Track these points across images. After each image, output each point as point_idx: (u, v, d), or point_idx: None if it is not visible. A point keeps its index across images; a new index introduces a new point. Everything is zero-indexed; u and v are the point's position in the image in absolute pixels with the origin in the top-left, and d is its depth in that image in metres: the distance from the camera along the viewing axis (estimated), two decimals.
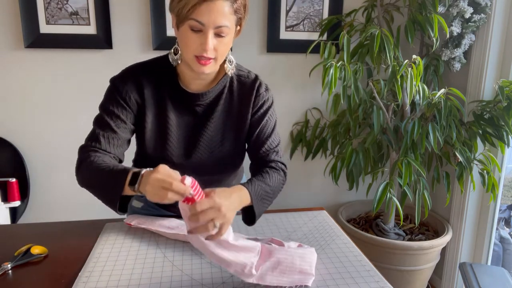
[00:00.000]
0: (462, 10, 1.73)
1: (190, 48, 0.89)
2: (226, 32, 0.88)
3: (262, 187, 0.95)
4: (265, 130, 1.05)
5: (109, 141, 0.97)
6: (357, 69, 1.73)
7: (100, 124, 0.98)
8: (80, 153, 0.98)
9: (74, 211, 2.09)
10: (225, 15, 0.86)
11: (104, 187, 0.88)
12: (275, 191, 1.00)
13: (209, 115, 1.03)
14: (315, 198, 2.35)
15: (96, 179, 0.90)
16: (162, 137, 1.02)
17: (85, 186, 0.94)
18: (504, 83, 1.68)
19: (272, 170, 1.02)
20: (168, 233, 1.04)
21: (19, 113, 1.96)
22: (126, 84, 0.98)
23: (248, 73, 1.07)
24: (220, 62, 0.95)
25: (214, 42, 0.88)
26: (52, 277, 0.88)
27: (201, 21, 0.85)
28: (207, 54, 0.88)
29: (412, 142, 1.71)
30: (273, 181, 0.99)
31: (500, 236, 2.18)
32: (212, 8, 0.84)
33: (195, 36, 0.87)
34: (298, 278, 0.85)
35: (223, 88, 1.03)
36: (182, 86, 1.01)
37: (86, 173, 0.93)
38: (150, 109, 1.00)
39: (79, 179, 0.95)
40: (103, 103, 1.00)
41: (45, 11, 1.85)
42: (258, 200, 0.93)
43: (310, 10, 2.07)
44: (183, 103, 1.01)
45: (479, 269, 1.44)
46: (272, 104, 1.08)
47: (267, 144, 1.04)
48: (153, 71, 1.01)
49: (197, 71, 0.92)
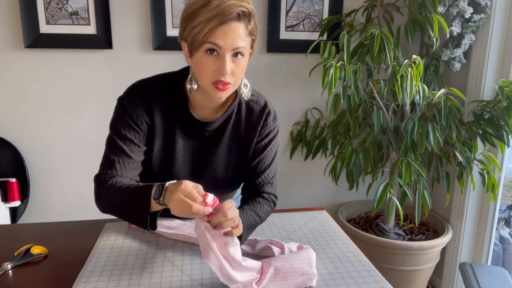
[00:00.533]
0: (462, 10, 1.73)
1: (207, 73, 0.86)
2: (243, 53, 0.87)
3: (253, 216, 0.96)
4: (265, 160, 1.05)
5: (125, 166, 0.96)
6: (357, 69, 1.73)
7: (113, 150, 0.96)
8: (96, 181, 0.96)
9: (74, 211, 2.09)
10: (241, 37, 0.85)
11: (130, 206, 0.87)
12: (262, 221, 1.02)
13: (216, 140, 1.02)
14: (315, 198, 2.35)
15: (120, 200, 0.89)
16: (169, 159, 1.01)
17: (109, 211, 0.93)
18: (504, 83, 1.68)
19: (265, 201, 1.03)
20: (168, 233, 1.04)
21: (19, 113, 1.97)
22: (136, 107, 0.96)
23: (258, 98, 1.04)
24: (236, 87, 0.93)
25: (231, 65, 0.86)
26: (52, 277, 0.88)
27: (218, 44, 0.83)
28: (225, 78, 0.86)
29: (412, 142, 1.71)
30: (263, 212, 1.01)
31: (500, 236, 2.18)
32: (228, 30, 0.83)
33: (211, 61, 0.85)
34: (301, 280, 0.84)
35: (231, 113, 1.02)
36: (191, 111, 0.99)
37: (107, 198, 0.92)
38: (159, 133, 0.99)
39: (101, 205, 0.95)
40: (114, 125, 0.98)
41: (45, 11, 1.85)
42: (246, 229, 0.94)
43: (310, 10, 2.07)
44: (191, 128, 1.01)
45: (479, 269, 1.44)
46: (277, 134, 1.07)
47: (264, 175, 1.05)
48: (162, 93, 0.98)
49: (214, 97, 0.90)
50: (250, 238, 1.00)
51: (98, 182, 0.95)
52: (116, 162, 0.95)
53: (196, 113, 1.00)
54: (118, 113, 0.98)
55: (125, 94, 0.98)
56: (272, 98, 1.10)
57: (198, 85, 0.93)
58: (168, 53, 1.97)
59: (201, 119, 1.00)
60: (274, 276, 0.85)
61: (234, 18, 0.83)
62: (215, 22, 0.81)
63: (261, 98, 1.05)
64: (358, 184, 1.84)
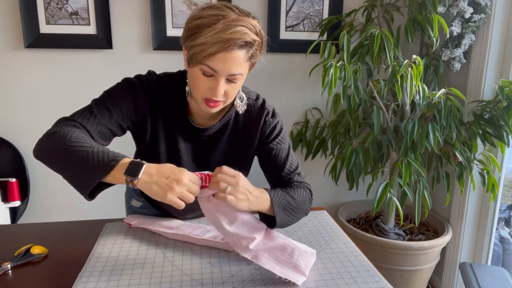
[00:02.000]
0: (462, 10, 1.73)
1: (200, 90, 0.86)
2: (238, 79, 0.86)
3: (285, 196, 0.94)
4: (280, 154, 1.02)
5: (100, 129, 0.90)
6: (357, 69, 1.73)
7: (99, 107, 0.91)
8: (58, 122, 0.89)
9: (74, 211, 2.09)
10: (239, 64, 0.82)
11: (84, 163, 0.78)
12: (300, 206, 0.97)
13: (214, 145, 1.02)
14: (315, 198, 2.35)
15: (75, 154, 0.80)
16: (175, 161, 1.01)
17: (49, 156, 0.84)
18: (504, 83, 1.68)
19: (296, 186, 1.00)
20: (168, 233, 1.04)
21: (19, 113, 1.97)
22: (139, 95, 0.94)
23: (255, 101, 1.03)
24: (228, 103, 0.92)
25: (225, 87, 0.85)
26: (52, 277, 0.88)
27: (215, 69, 0.81)
28: (216, 98, 0.85)
29: (412, 142, 1.71)
30: (297, 195, 0.97)
31: (500, 236, 2.18)
32: (228, 57, 0.80)
33: (205, 80, 0.84)
34: (290, 273, 0.84)
35: (229, 119, 1.01)
36: (190, 116, 0.99)
37: (60, 141, 0.82)
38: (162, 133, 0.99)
39: (44, 145, 0.85)
40: (110, 91, 0.95)
41: (45, 11, 1.85)
42: (279, 208, 0.91)
43: (310, 10, 2.07)
44: (189, 132, 1.00)
45: (479, 269, 1.44)
46: (282, 129, 1.05)
47: (286, 166, 1.02)
48: (168, 94, 0.97)
49: (204, 110, 0.90)
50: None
51: (62, 123, 0.88)
52: (96, 118, 0.89)
53: (194, 118, 1.00)
54: (123, 87, 0.95)
55: (138, 78, 0.96)
56: (272, 98, 1.10)
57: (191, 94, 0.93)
58: (168, 53, 1.97)
59: (198, 124, 1.00)
60: (271, 251, 0.86)
61: (236, 47, 0.80)
62: (216, 48, 0.79)
63: (259, 99, 1.04)
64: (358, 184, 1.84)
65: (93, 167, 0.78)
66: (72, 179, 0.82)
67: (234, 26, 0.79)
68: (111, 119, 0.92)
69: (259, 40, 0.85)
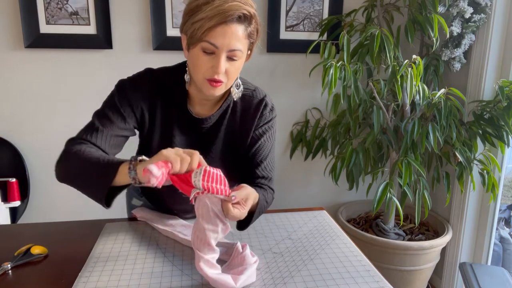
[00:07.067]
0: (462, 10, 1.73)
1: (201, 70, 0.88)
2: (238, 56, 0.87)
3: (262, 201, 0.97)
4: (263, 150, 1.04)
5: (107, 138, 0.93)
6: (357, 69, 1.73)
7: (101, 119, 0.95)
8: (67, 144, 0.92)
9: (74, 211, 2.09)
10: (239, 39, 0.85)
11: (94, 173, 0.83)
12: (265, 210, 1.03)
13: (212, 136, 1.03)
14: (315, 198, 2.35)
15: (85, 166, 0.85)
16: None
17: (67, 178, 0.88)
18: (504, 83, 1.68)
19: (268, 191, 1.04)
20: (169, 231, 1.04)
21: (19, 113, 1.97)
22: (137, 93, 0.96)
23: (254, 91, 1.04)
24: (229, 86, 0.94)
25: (226, 65, 0.87)
26: (52, 277, 0.88)
27: (215, 44, 0.84)
28: (218, 76, 0.87)
29: (412, 142, 1.71)
30: (269, 201, 1.03)
31: (500, 236, 2.18)
32: (227, 31, 0.83)
33: (207, 59, 0.86)
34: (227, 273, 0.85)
35: (227, 108, 1.02)
36: (189, 107, 1.00)
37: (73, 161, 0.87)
38: (158, 127, 1.00)
39: (62, 169, 0.89)
40: (108, 100, 0.97)
41: (45, 11, 1.85)
42: (257, 215, 0.95)
43: (310, 10, 2.07)
44: (188, 124, 1.01)
45: (479, 269, 1.44)
46: (274, 126, 1.07)
47: (262, 166, 1.04)
48: (165, 86, 0.99)
49: (206, 93, 0.91)
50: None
51: (69, 144, 0.92)
52: (99, 130, 0.93)
53: (194, 109, 1.01)
54: (117, 93, 0.97)
55: (129, 79, 0.98)
56: (272, 98, 1.10)
57: (192, 80, 0.95)
58: (168, 53, 1.97)
59: (198, 115, 1.01)
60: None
61: (234, 19, 0.83)
62: (215, 21, 0.82)
63: (259, 91, 1.06)
64: (358, 184, 1.84)
65: (101, 173, 0.83)
66: (89, 191, 0.86)
67: (231, 1, 0.83)
68: (115, 127, 0.95)
69: (255, 13, 0.88)
